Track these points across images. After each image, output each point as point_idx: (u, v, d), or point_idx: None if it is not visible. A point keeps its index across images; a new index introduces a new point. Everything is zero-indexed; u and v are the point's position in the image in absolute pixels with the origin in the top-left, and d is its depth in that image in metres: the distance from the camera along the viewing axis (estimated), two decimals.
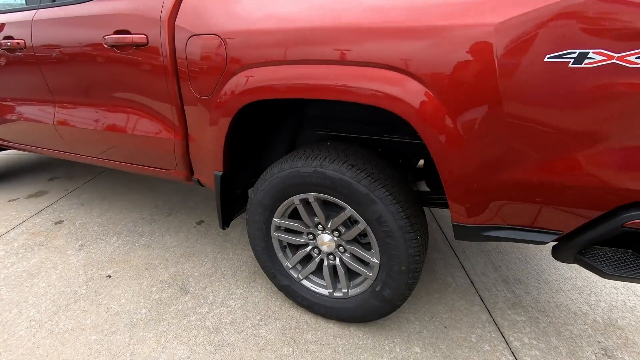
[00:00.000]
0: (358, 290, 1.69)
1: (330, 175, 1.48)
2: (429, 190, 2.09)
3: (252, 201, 1.75)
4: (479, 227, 1.32)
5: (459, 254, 2.39)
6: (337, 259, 1.72)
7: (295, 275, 1.83)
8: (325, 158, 1.51)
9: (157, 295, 2.01)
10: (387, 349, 1.69)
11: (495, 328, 1.81)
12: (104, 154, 2.23)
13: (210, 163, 1.80)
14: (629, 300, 2.01)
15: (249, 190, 1.76)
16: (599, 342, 1.74)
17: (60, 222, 2.77)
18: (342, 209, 1.57)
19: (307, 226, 1.72)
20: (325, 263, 1.76)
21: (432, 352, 1.68)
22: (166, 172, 2.05)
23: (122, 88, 1.90)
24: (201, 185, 2.04)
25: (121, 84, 1.89)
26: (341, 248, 1.69)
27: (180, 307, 1.93)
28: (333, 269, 1.77)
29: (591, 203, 1.13)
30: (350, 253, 1.69)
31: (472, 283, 2.12)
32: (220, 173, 1.77)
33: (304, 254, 1.78)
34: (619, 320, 1.88)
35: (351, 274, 1.75)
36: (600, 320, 1.87)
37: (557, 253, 1.32)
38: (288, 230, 1.81)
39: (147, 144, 1.97)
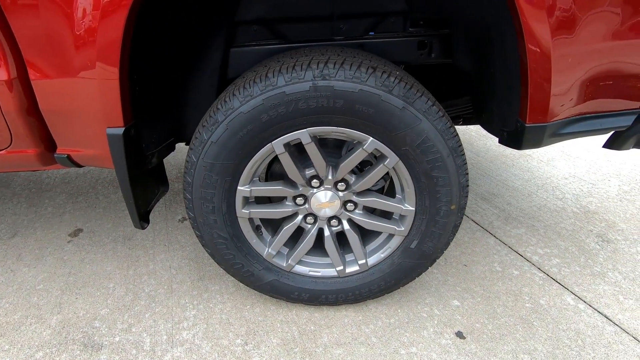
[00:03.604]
0: (382, 255, 1.21)
1: (342, 89, 0.90)
2: None
3: (195, 167, 1.02)
4: (558, 124, 0.98)
5: None
6: (345, 222, 1.19)
7: (284, 264, 1.23)
8: (326, 63, 0.90)
9: None
10: (425, 315, 1.30)
11: (509, 249, 1.62)
12: None
13: (95, 115, 0.96)
14: (582, 186, 2.10)
15: (190, 154, 1.03)
16: (591, 231, 1.73)
17: None
18: (360, 143, 1.01)
19: (295, 186, 1.12)
20: (326, 233, 1.20)
21: (472, 299, 1.37)
22: None
23: None
24: (76, 165, 1.16)
25: None
26: (350, 205, 1.15)
27: None
28: (337, 237, 1.24)
29: None
30: (364, 208, 1.18)
31: None
32: (122, 129, 0.97)
33: (292, 230, 1.19)
34: (588, 205, 1.92)
35: (364, 238, 1.25)
36: (577, 211, 1.88)
37: (619, 140, 1.09)
38: (261, 201, 1.17)
39: None
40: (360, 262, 1.22)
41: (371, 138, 0.98)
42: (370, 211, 1.20)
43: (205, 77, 1.25)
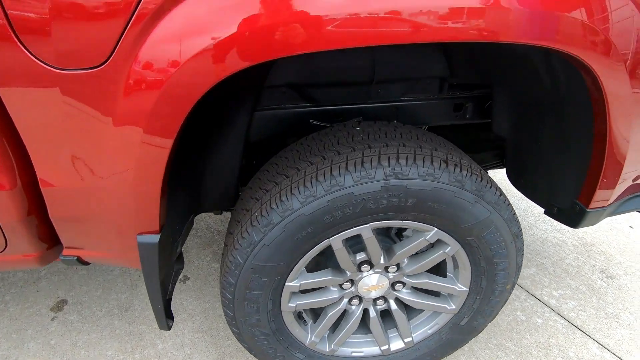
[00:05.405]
0: (429, 331, 1.16)
1: (416, 188, 0.82)
2: None
3: (241, 269, 0.89)
4: (617, 205, 0.98)
5: None
6: (392, 302, 1.12)
7: (327, 349, 1.13)
8: (398, 159, 0.82)
9: None
10: None
11: (527, 294, 1.64)
12: None
13: (124, 222, 0.80)
14: None
15: (235, 254, 0.90)
16: (594, 266, 1.81)
17: None
18: (419, 233, 0.94)
19: (344, 273, 1.03)
20: (372, 314, 1.13)
21: (506, 357, 1.36)
22: None
23: None
24: (83, 264, 0.98)
25: None
26: (398, 285, 1.09)
27: None
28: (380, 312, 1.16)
29: None
30: (412, 288, 1.11)
31: None
32: (157, 236, 0.82)
33: (337, 315, 1.09)
34: (585, 237, 2.01)
35: (408, 311, 1.19)
36: (577, 243, 1.96)
37: None
38: (307, 291, 1.06)
39: None
40: (406, 339, 1.16)
41: (435, 229, 0.92)
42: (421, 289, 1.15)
43: (230, 143, 1.11)
